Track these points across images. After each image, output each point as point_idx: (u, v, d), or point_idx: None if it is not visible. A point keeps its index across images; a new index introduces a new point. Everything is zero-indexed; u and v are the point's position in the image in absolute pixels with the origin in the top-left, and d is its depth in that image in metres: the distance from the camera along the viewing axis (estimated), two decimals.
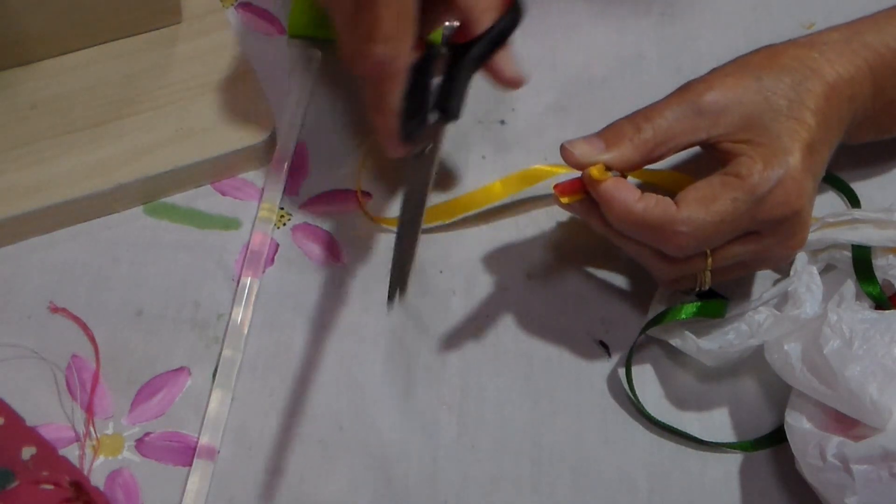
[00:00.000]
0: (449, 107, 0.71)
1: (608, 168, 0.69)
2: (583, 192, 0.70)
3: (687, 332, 0.73)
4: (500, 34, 0.73)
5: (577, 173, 0.73)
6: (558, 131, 0.83)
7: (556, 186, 0.70)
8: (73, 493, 0.66)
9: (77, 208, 0.76)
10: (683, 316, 0.73)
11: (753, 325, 0.72)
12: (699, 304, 0.73)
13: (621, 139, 0.70)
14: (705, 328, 0.73)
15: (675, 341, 0.73)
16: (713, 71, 0.72)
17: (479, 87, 0.84)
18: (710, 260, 0.69)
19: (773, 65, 0.71)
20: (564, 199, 0.70)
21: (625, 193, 0.68)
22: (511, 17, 0.73)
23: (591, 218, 0.71)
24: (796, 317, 0.71)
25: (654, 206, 0.68)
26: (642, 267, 0.73)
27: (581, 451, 0.72)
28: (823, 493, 0.67)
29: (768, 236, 0.69)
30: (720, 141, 0.69)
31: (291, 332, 0.75)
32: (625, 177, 0.70)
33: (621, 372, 0.74)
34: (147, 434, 0.71)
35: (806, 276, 0.73)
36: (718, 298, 0.74)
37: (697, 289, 0.71)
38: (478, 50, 0.72)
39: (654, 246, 0.69)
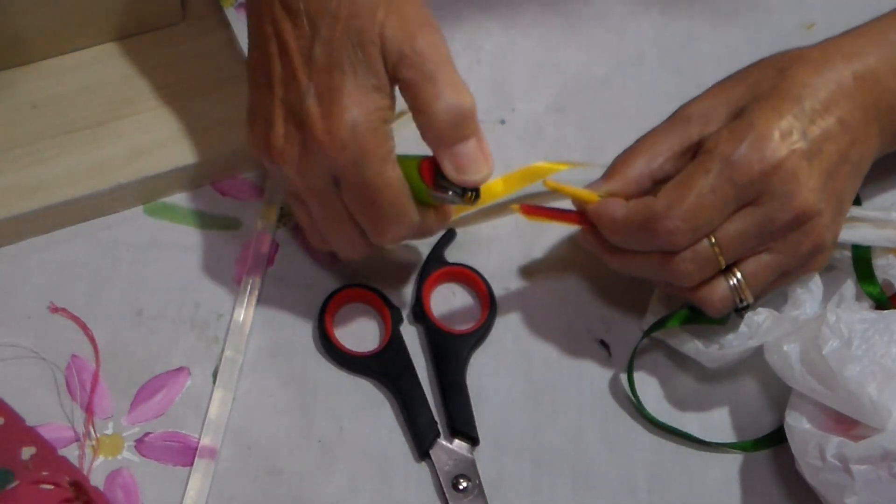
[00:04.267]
0: (468, 430, 0.72)
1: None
2: (546, 217, 0.72)
3: (686, 334, 0.73)
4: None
5: (575, 168, 0.76)
6: (558, 131, 0.83)
7: (522, 207, 0.72)
8: (72, 493, 0.66)
9: (77, 208, 0.76)
10: (685, 321, 0.72)
11: (753, 325, 0.72)
12: (700, 309, 0.72)
13: (616, 167, 0.71)
14: (705, 330, 0.73)
15: (674, 343, 0.73)
16: None
17: (479, 86, 0.84)
18: (715, 245, 0.68)
19: (759, 64, 0.73)
20: (528, 217, 0.72)
21: (609, 207, 0.70)
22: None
23: (598, 250, 0.72)
24: (795, 317, 0.71)
25: (634, 205, 0.69)
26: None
27: (581, 451, 0.72)
28: (823, 493, 0.67)
29: (764, 203, 0.68)
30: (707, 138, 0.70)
31: (291, 332, 0.75)
32: None
33: (623, 377, 0.73)
34: (147, 434, 0.71)
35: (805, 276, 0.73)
36: None
37: (739, 301, 0.70)
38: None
39: (651, 247, 0.69)
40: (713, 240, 0.68)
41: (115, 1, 0.79)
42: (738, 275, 0.70)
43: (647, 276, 0.72)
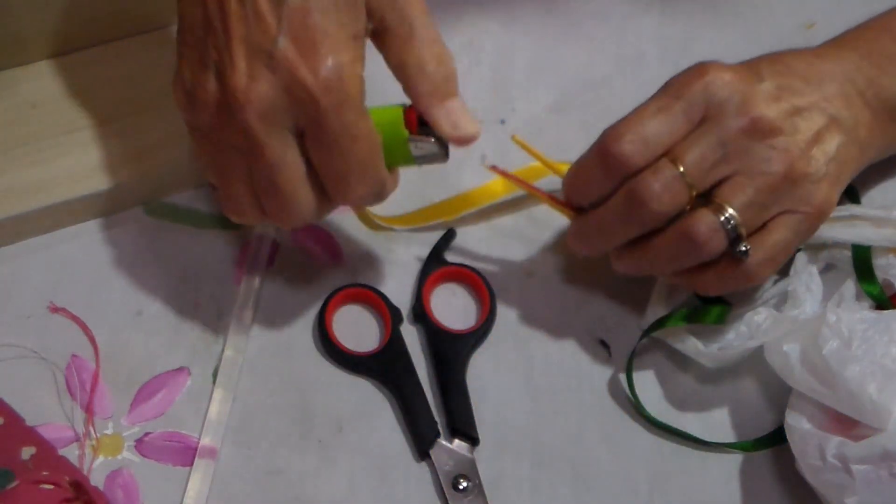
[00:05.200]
0: (468, 430, 0.72)
1: None
2: (515, 182, 0.74)
3: (687, 334, 0.73)
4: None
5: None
6: (558, 131, 0.83)
7: (492, 167, 0.73)
8: (72, 492, 0.66)
9: (77, 208, 0.76)
10: (684, 320, 0.72)
11: (753, 325, 0.72)
12: (700, 308, 0.72)
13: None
14: (705, 330, 0.73)
15: (674, 343, 0.73)
16: None
17: (479, 86, 0.84)
18: (677, 163, 0.67)
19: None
20: (495, 174, 0.74)
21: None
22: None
23: (575, 231, 0.72)
24: (795, 317, 0.71)
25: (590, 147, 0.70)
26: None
27: (581, 451, 0.72)
28: (823, 493, 0.67)
29: (715, 115, 0.68)
30: None
31: (291, 332, 0.75)
32: None
33: (622, 378, 0.73)
34: (147, 434, 0.71)
35: (805, 275, 0.73)
36: (721, 304, 0.73)
37: (728, 224, 0.68)
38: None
39: (611, 177, 0.68)
40: (674, 159, 0.67)
41: (115, 1, 0.79)
42: (717, 201, 0.68)
43: (624, 233, 0.70)
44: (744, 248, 0.68)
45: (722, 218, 0.67)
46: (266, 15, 0.63)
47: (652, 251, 0.70)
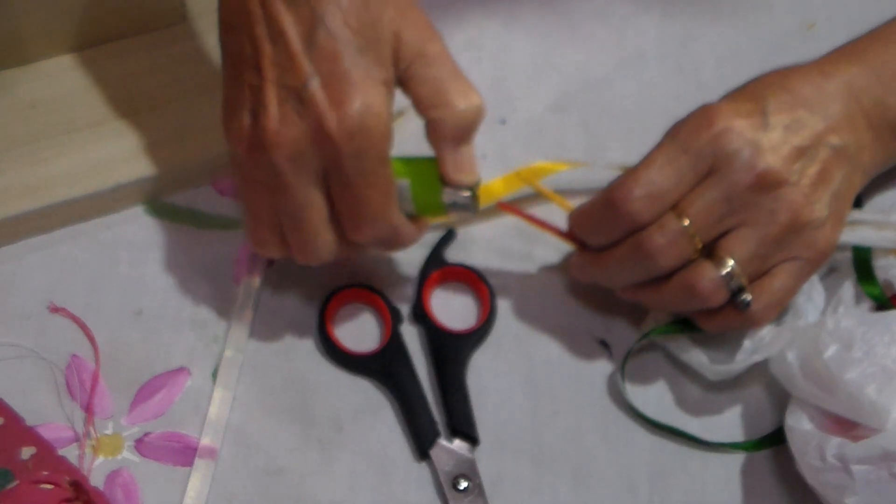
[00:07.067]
0: (468, 430, 0.72)
1: None
2: (521, 217, 0.75)
3: (691, 346, 0.73)
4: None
5: (575, 168, 0.76)
6: (558, 131, 0.83)
7: (499, 204, 0.75)
8: (72, 492, 0.66)
9: (77, 208, 0.76)
10: (683, 327, 0.72)
11: (756, 339, 0.71)
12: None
13: None
14: (709, 342, 0.73)
15: (679, 354, 0.73)
16: None
17: (479, 86, 0.84)
18: (683, 218, 0.68)
19: None
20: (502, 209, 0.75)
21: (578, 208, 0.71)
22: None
23: (579, 261, 0.73)
24: (797, 328, 0.71)
25: (598, 193, 0.70)
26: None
27: (581, 451, 0.72)
28: (823, 493, 0.67)
29: (722, 168, 0.68)
30: None
31: (291, 332, 0.75)
32: None
33: (618, 378, 0.73)
34: (147, 434, 0.71)
35: (807, 284, 0.73)
36: None
37: (730, 279, 0.68)
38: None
39: (618, 228, 0.69)
40: (680, 213, 0.68)
41: (115, 1, 0.79)
42: (721, 253, 0.68)
43: (628, 278, 0.71)
44: (745, 299, 0.69)
45: (724, 272, 0.68)
46: (298, 57, 0.65)
47: (655, 294, 0.71)
